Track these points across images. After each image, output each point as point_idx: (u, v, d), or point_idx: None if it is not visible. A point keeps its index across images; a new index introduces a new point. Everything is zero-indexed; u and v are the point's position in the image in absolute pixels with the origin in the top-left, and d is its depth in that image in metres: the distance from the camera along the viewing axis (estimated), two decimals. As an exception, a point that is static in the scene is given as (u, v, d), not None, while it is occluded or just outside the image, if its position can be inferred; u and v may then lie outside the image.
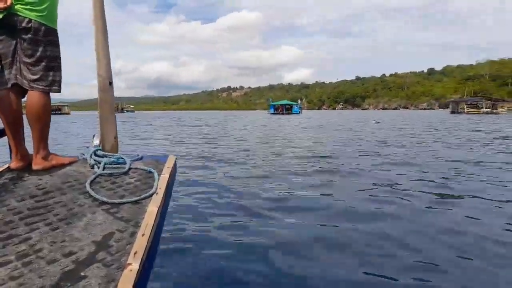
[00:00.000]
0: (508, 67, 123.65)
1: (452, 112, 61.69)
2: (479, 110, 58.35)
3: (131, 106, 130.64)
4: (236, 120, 29.91)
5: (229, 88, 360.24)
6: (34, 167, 1.90)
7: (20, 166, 1.91)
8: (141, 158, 2.15)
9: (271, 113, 60.32)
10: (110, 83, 2.15)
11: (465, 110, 60.49)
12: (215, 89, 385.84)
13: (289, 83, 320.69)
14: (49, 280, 0.94)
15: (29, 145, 1.96)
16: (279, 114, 58.52)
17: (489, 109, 57.97)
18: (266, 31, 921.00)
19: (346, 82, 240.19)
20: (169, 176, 1.81)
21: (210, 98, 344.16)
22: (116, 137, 2.23)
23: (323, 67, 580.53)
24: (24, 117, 1.92)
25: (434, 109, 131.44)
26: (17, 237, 1.18)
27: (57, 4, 1.99)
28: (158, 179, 1.73)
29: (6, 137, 1.99)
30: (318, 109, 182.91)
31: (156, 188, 1.61)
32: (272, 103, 67.28)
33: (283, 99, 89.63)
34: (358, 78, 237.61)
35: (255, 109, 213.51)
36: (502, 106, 60.11)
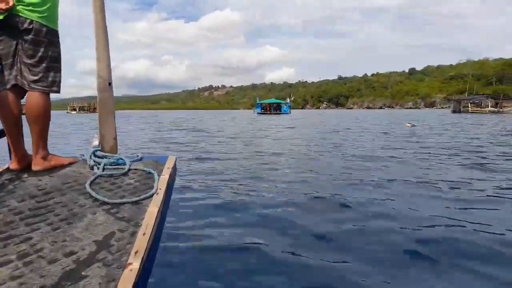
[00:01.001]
0: (491, 66, 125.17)
1: (454, 112, 58.19)
2: (483, 109, 54.48)
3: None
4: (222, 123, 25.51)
5: (210, 87, 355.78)
6: (34, 167, 1.89)
7: (20, 167, 1.91)
8: (140, 159, 2.14)
9: (258, 113, 56.39)
10: (110, 84, 2.15)
11: (469, 109, 56.39)
12: (196, 88, 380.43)
13: (271, 82, 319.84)
14: (49, 280, 0.94)
15: (29, 146, 1.95)
16: (267, 114, 54.67)
17: (495, 108, 54.15)
18: (249, 30, 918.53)
19: (328, 81, 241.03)
20: (169, 176, 1.81)
21: (192, 97, 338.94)
22: (115, 138, 2.23)
23: (305, 66, 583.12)
24: (24, 117, 1.91)
25: (419, 108, 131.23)
26: (18, 237, 1.17)
27: (58, 5, 1.98)
28: (158, 179, 1.73)
29: (5, 137, 1.97)
30: (302, 108, 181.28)
31: (156, 189, 1.61)
32: (259, 102, 62.71)
33: (266, 99, 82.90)
34: (340, 78, 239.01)
35: (238, 109, 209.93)
36: (505, 106, 54.94)
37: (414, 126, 17.11)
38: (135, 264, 1.02)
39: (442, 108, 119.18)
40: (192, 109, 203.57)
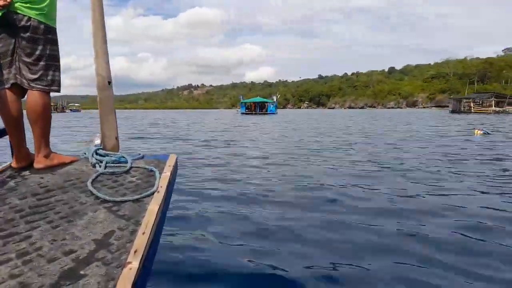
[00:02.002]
0: (473, 65, 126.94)
1: (453, 112, 53.58)
2: (487, 109, 50.06)
3: (76, 104, 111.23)
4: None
5: (190, 86, 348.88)
6: (36, 166, 1.90)
7: (22, 165, 1.91)
8: (142, 157, 2.14)
9: (242, 113, 52.80)
10: (109, 82, 2.16)
11: (472, 109, 51.61)
12: (175, 87, 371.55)
13: (252, 82, 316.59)
14: (48, 279, 0.94)
15: (31, 144, 1.94)
16: (253, 114, 51.01)
17: (500, 108, 49.82)
18: (229, 28, 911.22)
19: (309, 80, 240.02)
20: (170, 174, 1.81)
21: (171, 96, 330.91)
22: (117, 136, 2.23)
23: (285, 65, 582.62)
24: (25, 116, 1.91)
25: (402, 107, 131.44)
26: (18, 235, 1.18)
27: (56, 2, 1.96)
28: (159, 177, 1.73)
29: (7, 136, 1.97)
30: (283, 108, 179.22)
31: (157, 187, 1.61)
32: (243, 101, 58.51)
33: (247, 98, 73.62)
34: (321, 77, 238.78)
35: (217, 108, 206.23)
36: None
37: (488, 134, 11.84)
38: (134, 263, 1.02)
39: (424, 107, 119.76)
40: (172, 109, 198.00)
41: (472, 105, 53.10)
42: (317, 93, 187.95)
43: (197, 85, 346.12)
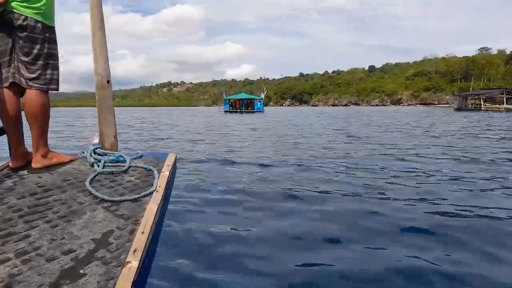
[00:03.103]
0: (457, 63, 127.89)
1: (459, 109, 47.75)
2: (499, 107, 44.06)
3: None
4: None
5: (169, 83, 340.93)
6: (34, 165, 1.89)
7: (20, 165, 1.90)
8: (141, 156, 2.13)
9: (226, 111, 46.61)
10: (108, 81, 2.14)
11: (483, 106, 45.92)
12: (154, 85, 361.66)
13: (233, 79, 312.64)
14: (48, 278, 0.94)
15: (29, 143, 1.93)
16: (237, 112, 44.18)
17: (511, 106, 43.62)
18: (210, 26, 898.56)
19: (290, 78, 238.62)
20: (169, 174, 1.80)
21: (149, 93, 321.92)
22: (115, 136, 2.22)
23: (266, 63, 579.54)
24: (24, 115, 1.91)
25: (386, 105, 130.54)
26: (17, 234, 1.17)
27: (54, 0, 1.95)
28: (158, 177, 1.72)
29: (5, 135, 1.96)
30: (265, 105, 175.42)
31: (156, 186, 1.60)
32: (226, 98, 50.74)
33: (230, 95, 63.44)
34: (302, 75, 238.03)
35: (197, 106, 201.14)
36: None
37: None
38: (134, 262, 1.01)
39: (409, 105, 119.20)
40: (149, 106, 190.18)
41: (482, 102, 47.53)
42: (299, 91, 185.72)
43: (177, 82, 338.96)
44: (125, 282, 0.92)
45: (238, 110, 46.13)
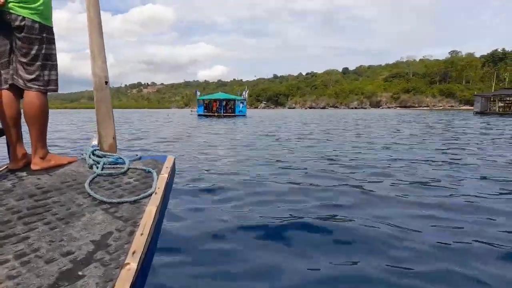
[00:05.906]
0: (435, 65, 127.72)
1: (481, 113, 39.96)
2: None
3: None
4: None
5: (139, 84, 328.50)
6: (33, 167, 1.87)
7: (19, 166, 1.88)
8: (139, 158, 2.11)
9: (200, 114, 38.09)
10: (106, 82, 2.12)
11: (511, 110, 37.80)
12: (123, 85, 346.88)
13: (205, 80, 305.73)
14: (46, 280, 0.93)
15: (28, 145, 1.90)
16: (215, 116, 35.47)
17: None
18: (181, 26, 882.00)
19: (264, 80, 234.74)
20: (168, 176, 1.80)
21: (118, 95, 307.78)
22: (114, 137, 2.19)
23: (239, 65, 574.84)
24: (23, 117, 1.89)
25: (365, 108, 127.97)
26: (15, 236, 1.16)
27: (51, 0, 1.93)
28: (157, 179, 1.72)
29: (4, 137, 1.94)
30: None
31: (155, 188, 1.60)
32: (200, 98, 40.68)
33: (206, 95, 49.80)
34: (276, 77, 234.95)
35: (169, 107, 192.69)
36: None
37: None
38: (132, 264, 1.01)
39: (389, 108, 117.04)
40: (116, 108, 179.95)
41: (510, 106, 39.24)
42: (274, 93, 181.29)
43: (147, 83, 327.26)
44: (124, 284, 0.91)
45: (215, 114, 37.68)
